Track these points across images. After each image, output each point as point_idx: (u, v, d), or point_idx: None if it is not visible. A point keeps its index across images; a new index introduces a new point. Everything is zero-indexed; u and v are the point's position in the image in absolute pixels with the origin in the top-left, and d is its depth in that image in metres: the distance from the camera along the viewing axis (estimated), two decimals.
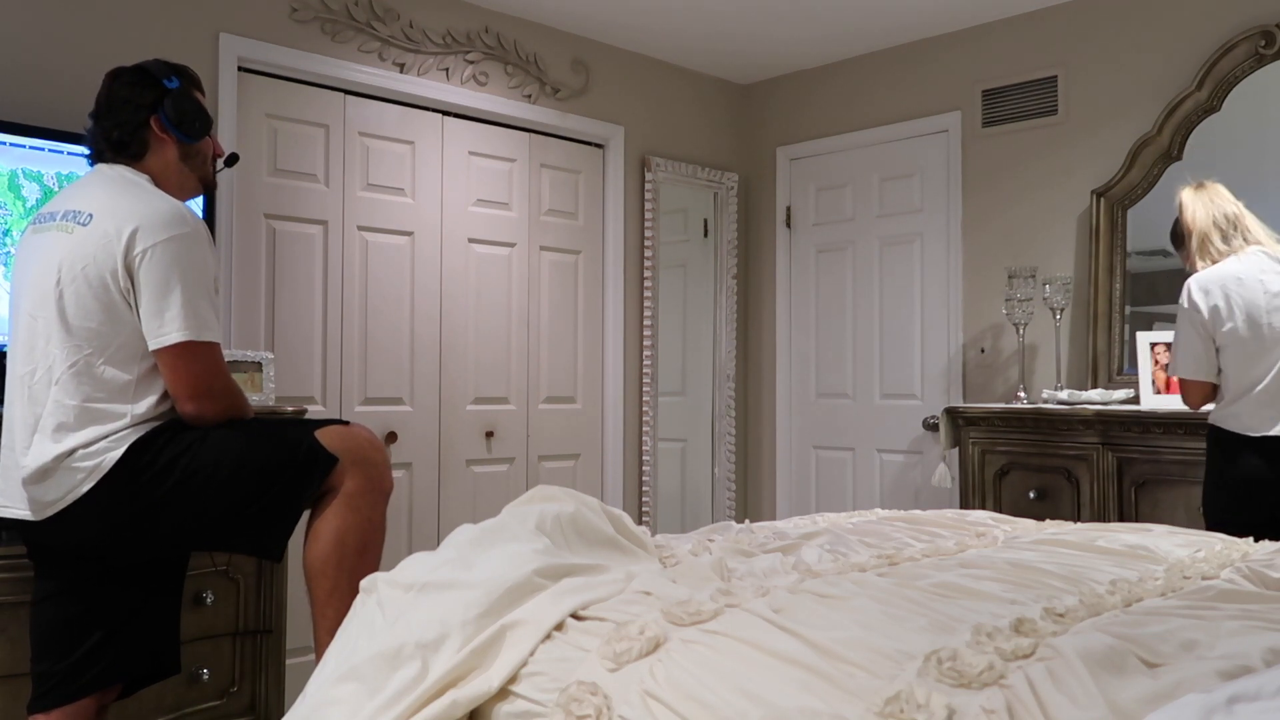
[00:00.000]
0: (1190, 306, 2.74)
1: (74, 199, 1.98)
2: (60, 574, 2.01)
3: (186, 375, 1.92)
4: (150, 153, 2.04)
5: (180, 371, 1.92)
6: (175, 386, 1.93)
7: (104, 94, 2.07)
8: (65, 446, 1.86)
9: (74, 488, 1.87)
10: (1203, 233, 2.80)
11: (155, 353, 1.90)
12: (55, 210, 1.98)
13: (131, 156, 2.03)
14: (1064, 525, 2.33)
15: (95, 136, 2.05)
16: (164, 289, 1.87)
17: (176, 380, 1.92)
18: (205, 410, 1.96)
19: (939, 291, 4.23)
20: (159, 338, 1.89)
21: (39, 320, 1.90)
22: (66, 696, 1.98)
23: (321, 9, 3.49)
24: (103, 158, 2.05)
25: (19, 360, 1.94)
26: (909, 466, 4.32)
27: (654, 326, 4.49)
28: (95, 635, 1.99)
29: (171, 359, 1.90)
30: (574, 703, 1.23)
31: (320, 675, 1.47)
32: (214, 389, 1.97)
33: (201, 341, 1.91)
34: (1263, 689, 1.00)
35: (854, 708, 1.10)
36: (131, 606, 2.04)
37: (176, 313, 1.88)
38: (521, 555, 1.55)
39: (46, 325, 1.90)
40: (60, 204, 1.99)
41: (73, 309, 1.88)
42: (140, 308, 1.88)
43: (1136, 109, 3.69)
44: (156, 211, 1.91)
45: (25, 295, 1.95)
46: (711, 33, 4.24)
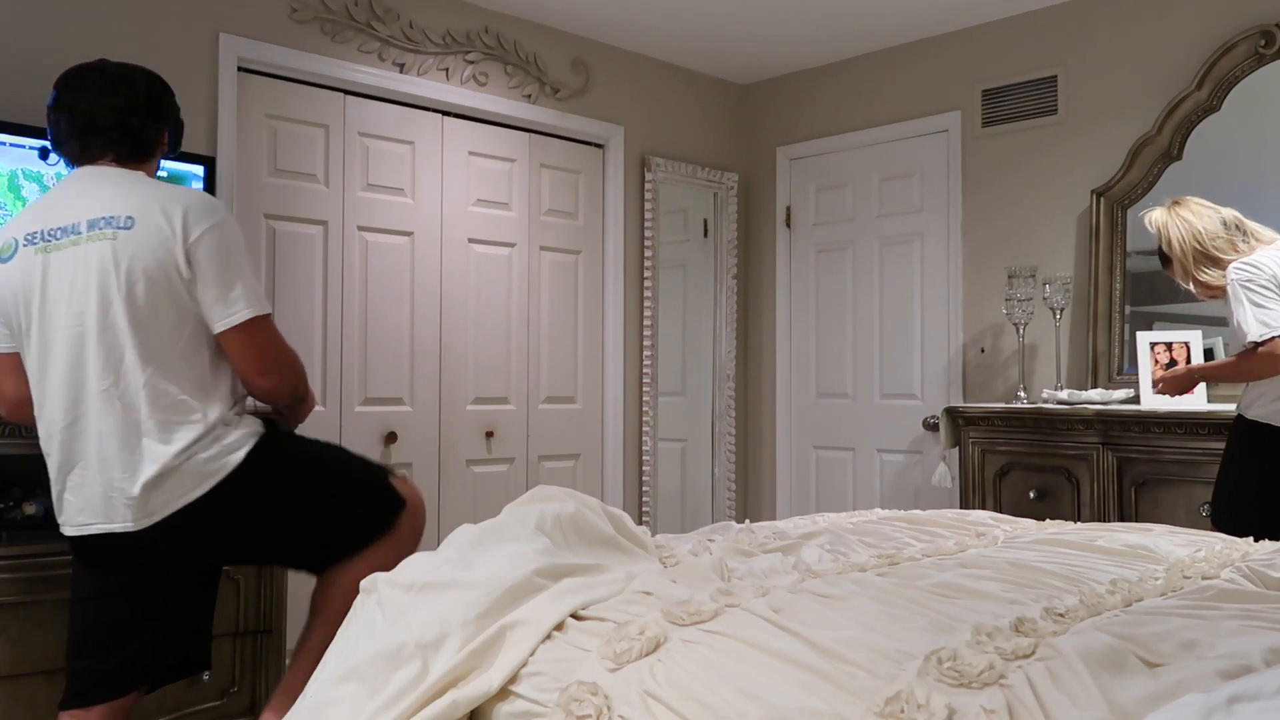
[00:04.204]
0: (1257, 270, 2.61)
1: (89, 205, 1.90)
2: (120, 576, 1.97)
3: (257, 350, 1.97)
4: (151, 159, 2.06)
5: (252, 347, 1.96)
6: (248, 363, 1.97)
7: (142, 91, 2.01)
8: (178, 446, 1.89)
9: (190, 490, 1.90)
10: (1213, 234, 2.76)
11: (225, 333, 1.93)
12: (63, 224, 1.90)
13: (141, 158, 2.02)
14: (1064, 525, 2.33)
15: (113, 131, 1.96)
16: (225, 271, 1.91)
17: (249, 356, 1.96)
18: (278, 383, 2.02)
19: (939, 291, 4.23)
20: (228, 318, 1.92)
21: (107, 331, 1.87)
22: (111, 693, 1.96)
23: (321, 9, 3.49)
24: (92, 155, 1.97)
25: (95, 375, 1.88)
26: (909, 466, 4.32)
27: (654, 326, 4.49)
28: (146, 634, 1.98)
29: (244, 336, 1.94)
30: (574, 703, 1.23)
31: (320, 675, 1.47)
32: (282, 361, 2.03)
33: (265, 314, 1.97)
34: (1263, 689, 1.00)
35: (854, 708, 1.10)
36: (180, 605, 2.03)
37: (240, 291, 1.93)
38: (521, 555, 1.55)
39: (115, 334, 1.87)
40: (65, 215, 1.90)
41: (143, 311, 1.88)
42: (203, 293, 1.90)
43: (1136, 109, 3.69)
44: (196, 200, 1.95)
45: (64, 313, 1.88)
46: (711, 33, 4.24)
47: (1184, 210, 2.82)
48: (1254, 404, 2.70)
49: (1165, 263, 2.90)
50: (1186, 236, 2.79)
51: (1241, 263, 2.66)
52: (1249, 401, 2.73)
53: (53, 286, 1.89)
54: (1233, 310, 2.64)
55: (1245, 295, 2.61)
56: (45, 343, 1.91)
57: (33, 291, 1.90)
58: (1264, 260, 2.65)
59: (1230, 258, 2.71)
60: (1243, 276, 2.63)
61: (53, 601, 2.35)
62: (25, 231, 1.92)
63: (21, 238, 1.92)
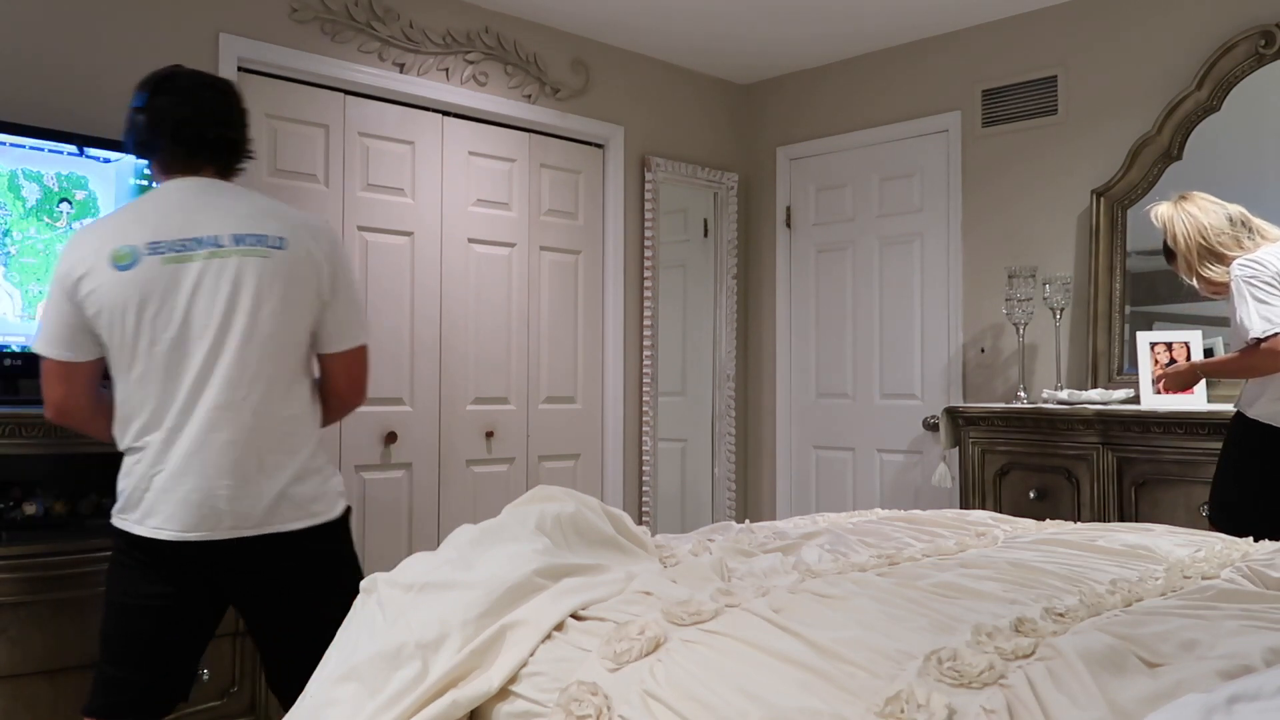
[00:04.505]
0: (1261, 267, 2.61)
1: (225, 219, 1.89)
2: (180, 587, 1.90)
3: (361, 369, 2.07)
4: (241, 172, 2.05)
5: (358, 366, 2.06)
6: (351, 381, 2.05)
7: (236, 103, 2.00)
8: (289, 470, 1.92)
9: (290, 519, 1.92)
10: (1218, 230, 2.76)
11: (342, 354, 2.01)
12: (197, 235, 1.87)
13: (237, 172, 2.02)
14: (1064, 525, 2.33)
15: (217, 144, 1.96)
16: (353, 294, 2.03)
17: (354, 375, 2.05)
18: (361, 400, 2.12)
19: (939, 291, 4.23)
20: (350, 340, 2.02)
21: (246, 346, 1.87)
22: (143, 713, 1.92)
23: (321, 9, 3.49)
24: (194, 166, 1.95)
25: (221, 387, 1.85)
26: (909, 466, 4.32)
27: (654, 326, 4.49)
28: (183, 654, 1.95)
29: (357, 359, 2.05)
30: (574, 703, 1.23)
31: (320, 675, 1.47)
32: (368, 380, 2.12)
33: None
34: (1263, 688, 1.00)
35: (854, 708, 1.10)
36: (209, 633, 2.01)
37: (360, 315, 2.05)
38: (522, 555, 1.54)
39: (251, 349, 1.88)
40: (195, 227, 1.87)
41: (282, 330, 1.91)
42: (334, 315, 1.98)
43: (1136, 109, 3.69)
44: (325, 225, 2.02)
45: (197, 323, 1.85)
46: (711, 33, 4.24)
47: (1190, 205, 2.82)
48: (1254, 402, 2.70)
49: (1170, 258, 2.90)
50: (1192, 232, 2.78)
51: (1245, 259, 2.66)
52: (1249, 399, 2.72)
53: (182, 297, 1.85)
54: (1235, 307, 2.65)
55: (1249, 291, 2.61)
56: (163, 350, 1.85)
57: (150, 300, 1.84)
58: (1268, 257, 2.65)
59: (1235, 254, 2.71)
60: (1246, 273, 2.63)
61: (53, 601, 2.35)
62: (146, 240, 1.85)
63: (143, 246, 1.85)
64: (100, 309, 1.84)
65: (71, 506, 2.57)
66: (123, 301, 1.84)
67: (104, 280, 1.83)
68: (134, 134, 1.96)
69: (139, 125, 1.94)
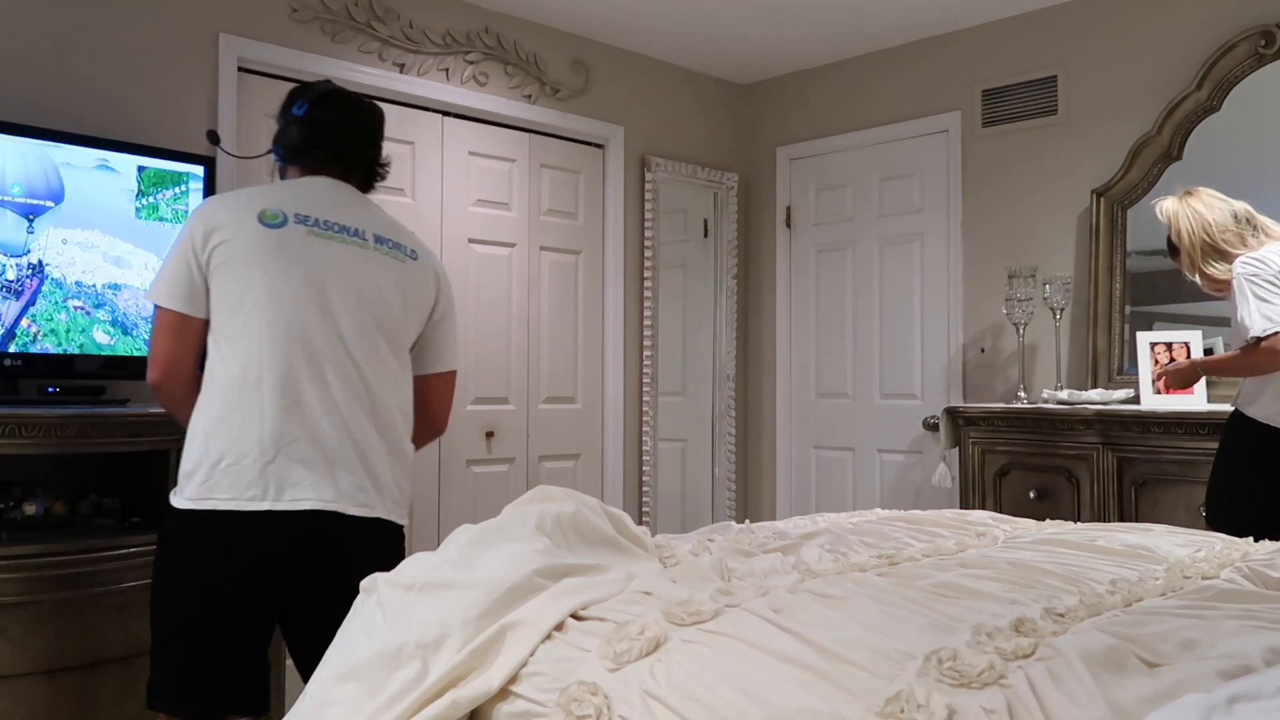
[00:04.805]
0: (1263, 266, 2.61)
1: (366, 218, 2.01)
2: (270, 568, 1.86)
3: (450, 398, 2.19)
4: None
5: (448, 389, 2.18)
6: (442, 402, 2.16)
7: (383, 127, 2.12)
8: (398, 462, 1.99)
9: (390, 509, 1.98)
10: (1223, 227, 2.75)
11: (437, 377, 2.14)
12: (342, 222, 1.97)
13: (371, 189, 2.11)
14: (1064, 525, 2.33)
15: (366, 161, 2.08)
16: (454, 323, 2.17)
17: (445, 396, 2.17)
18: (447, 424, 2.21)
19: (939, 291, 4.23)
20: (448, 363, 2.15)
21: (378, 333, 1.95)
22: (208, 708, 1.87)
23: (321, 9, 3.48)
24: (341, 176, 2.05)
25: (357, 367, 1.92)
26: (909, 466, 4.32)
27: (654, 326, 4.49)
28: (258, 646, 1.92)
29: (450, 384, 2.18)
30: (574, 703, 1.23)
31: (320, 675, 1.47)
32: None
33: None
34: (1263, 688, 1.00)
35: (854, 708, 1.10)
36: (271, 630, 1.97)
37: (456, 344, 2.18)
38: (522, 555, 1.54)
39: (381, 338, 1.96)
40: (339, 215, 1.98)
41: (404, 335, 2.02)
42: (437, 336, 2.11)
43: (1136, 109, 3.69)
44: (433, 251, 2.12)
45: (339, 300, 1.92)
46: (711, 33, 4.24)
47: (1195, 201, 2.81)
48: (1253, 401, 2.70)
49: (1173, 253, 2.90)
50: (1196, 228, 2.78)
51: (1247, 257, 2.66)
52: (1248, 398, 2.72)
53: (322, 269, 1.92)
54: (1236, 305, 2.65)
55: (1250, 290, 2.61)
56: (302, 317, 1.89)
57: (293, 264, 1.90)
58: (1270, 256, 2.65)
59: (1238, 251, 2.71)
60: (1248, 271, 2.63)
61: (53, 601, 2.35)
62: (295, 211, 1.94)
63: (292, 215, 1.93)
64: (231, 257, 1.87)
65: (71, 506, 2.57)
66: (261, 254, 1.88)
67: (246, 234, 1.89)
68: (288, 139, 2.04)
69: (295, 133, 2.03)
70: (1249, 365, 2.65)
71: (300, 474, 1.86)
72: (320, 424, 1.89)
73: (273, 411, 1.85)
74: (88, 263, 2.74)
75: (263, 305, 1.87)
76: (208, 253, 1.88)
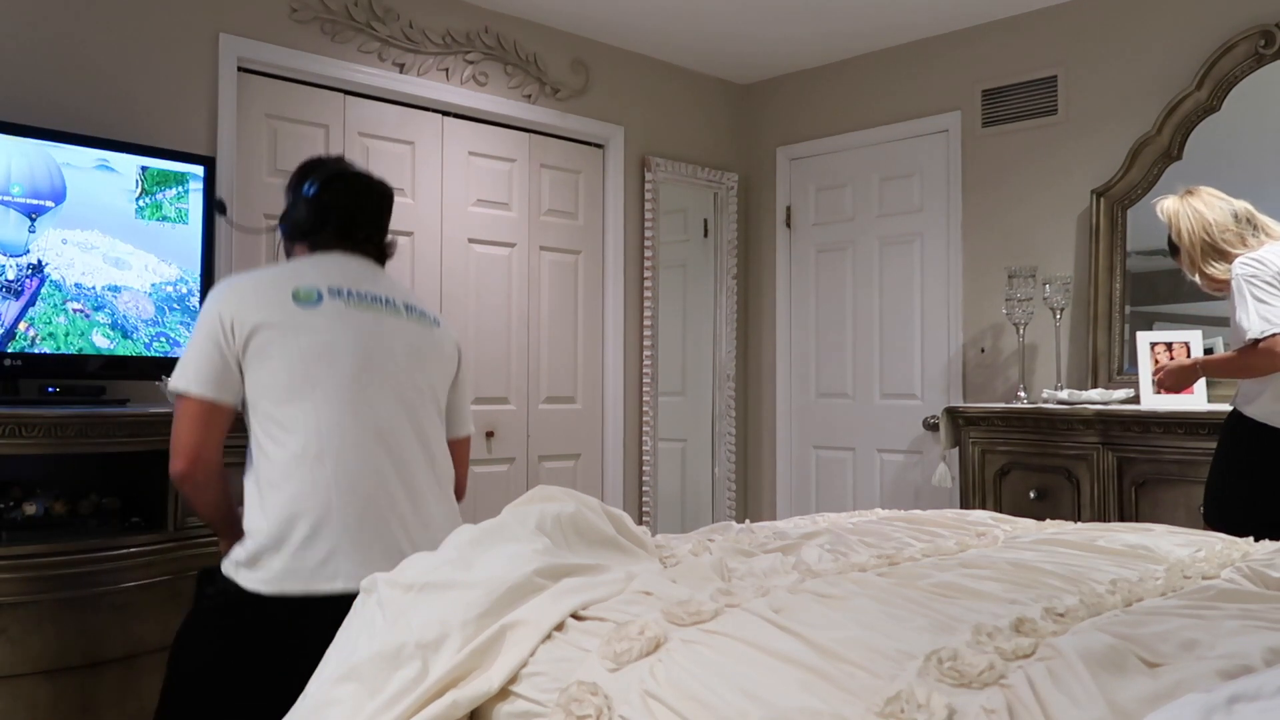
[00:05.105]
0: (1262, 266, 2.61)
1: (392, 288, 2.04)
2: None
3: (468, 463, 2.21)
4: None
5: (466, 459, 2.20)
6: (462, 472, 2.15)
7: (391, 207, 2.13)
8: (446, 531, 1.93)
9: None
10: (1223, 226, 2.75)
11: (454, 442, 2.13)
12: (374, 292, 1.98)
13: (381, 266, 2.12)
14: (1064, 525, 2.33)
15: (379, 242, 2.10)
16: (470, 389, 2.22)
17: (464, 466, 2.17)
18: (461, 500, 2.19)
19: (939, 291, 4.23)
20: (465, 428, 2.18)
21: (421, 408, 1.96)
22: None
23: (321, 9, 3.48)
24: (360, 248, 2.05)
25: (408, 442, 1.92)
26: (909, 466, 4.32)
27: (654, 326, 4.49)
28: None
29: (467, 449, 2.21)
30: (574, 703, 1.23)
31: (320, 675, 1.47)
32: None
33: None
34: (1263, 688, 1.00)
35: (854, 708, 1.10)
36: None
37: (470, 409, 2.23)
38: (522, 555, 1.54)
39: (426, 409, 1.97)
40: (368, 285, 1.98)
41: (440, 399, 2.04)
42: (456, 400, 2.14)
43: (1136, 109, 3.69)
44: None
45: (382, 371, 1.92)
46: (711, 33, 4.24)
47: (1196, 200, 2.81)
48: (1252, 401, 2.70)
49: (1174, 252, 2.90)
50: (1196, 228, 2.77)
51: (1247, 258, 2.66)
52: (1246, 397, 2.72)
53: (370, 341, 1.92)
54: (1235, 305, 2.64)
55: (1249, 290, 2.61)
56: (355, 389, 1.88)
57: (337, 338, 1.89)
58: (1269, 256, 2.64)
59: (1238, 251, 2.70)
60: (1247, 272, 2.63)
61: (53, 601, 2.35)
62: (328, 285, 1.93)
63: (325, 289, 1.92)
64: (272, 341, 1.85)
65: (71, 506, 2.57)
66: (305, 333, 1.86)
67: (283, 315, 1.86)
68: (295, 218, 2.02)
69: (303, 212, 2.01)
70: (1247, 366, 2.65)
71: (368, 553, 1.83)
72: (391, 495, 1.88)
73: (339, 487, 1.83)
74: (87, 264, 2.74)
75: (315, 383, 1.85)
76: (242, 340, 1.84)
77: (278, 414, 1.85)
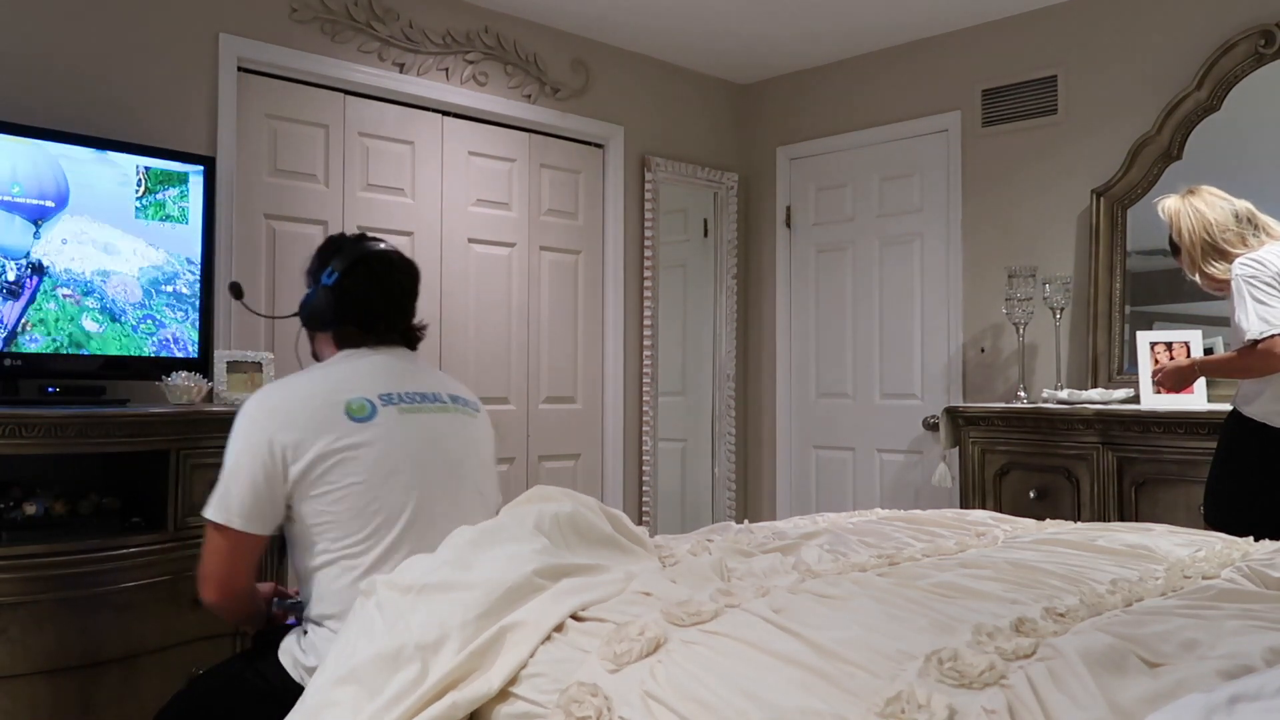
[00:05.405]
0: (1262, 267, 2.61)
1: (436, 382, 1.96)
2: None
3: None
4: None
5: None
6: None
7: (417, 287, 1.99)
8: None
9: None
10: (1224, 226, 2.74)
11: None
12: (422, 390, 1.89)
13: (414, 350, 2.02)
14: (1064, 525, 2.33)
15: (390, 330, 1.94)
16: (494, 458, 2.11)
17: None
18: None
19: (939, 291, 4.23)
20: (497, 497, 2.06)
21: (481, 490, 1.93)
22: None
23: (321, 9, 3.48)
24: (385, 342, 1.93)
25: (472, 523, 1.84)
26: (909, 466, 4.32)
27: (654, 326, 4.49)
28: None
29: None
30: (574, 704, 1.23)
31: (320, 678, 1.47)
32: None
33: None
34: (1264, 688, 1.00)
35: (855, 708, 1.10)
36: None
37: None
38: (520, 556, 1.54)
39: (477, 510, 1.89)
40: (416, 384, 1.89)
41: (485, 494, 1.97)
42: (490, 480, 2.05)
43: (1136, 108, 3.69)
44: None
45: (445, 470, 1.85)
46: (711, 33, 4.24)
47: (1197, 200, 2.80)
48: (1251, 401, 2.70)
49: (1175, 252, 2.89)
50: (1197, 228, 2.77)
51: (1246, 258, 2.66)
52: (1246, 397, 2.72)
53: (429, 448, 1.83)
54: (1235, 306, 2.64)
55: (1248, 291, 2.61)
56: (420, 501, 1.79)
57: (397, 450, 1.79)
58: (1269, 257, 2.64)
59: (1238, 251, 2.70)
60: (1247, 273, 2.63)
61: (53, 601, 2.35)
62: (377, 393, 1.82)
63: (376, 398, 1.81)
64: (332, 467, 1.73)
65: (71, 506, 2.57)
66: (365, 453, 1.75)
67: (338, 436, 1.75)
68: (316, 307, 1.93)
69: (324, 301, 1.91)
70: (1245, 367, 2.65)
71: None
72: None
73: None
74: (85, 259, 2.74)
75: (380, 503, 1.75)
76: (299, 471, 1.72)
77: (337, 546, 1.74)
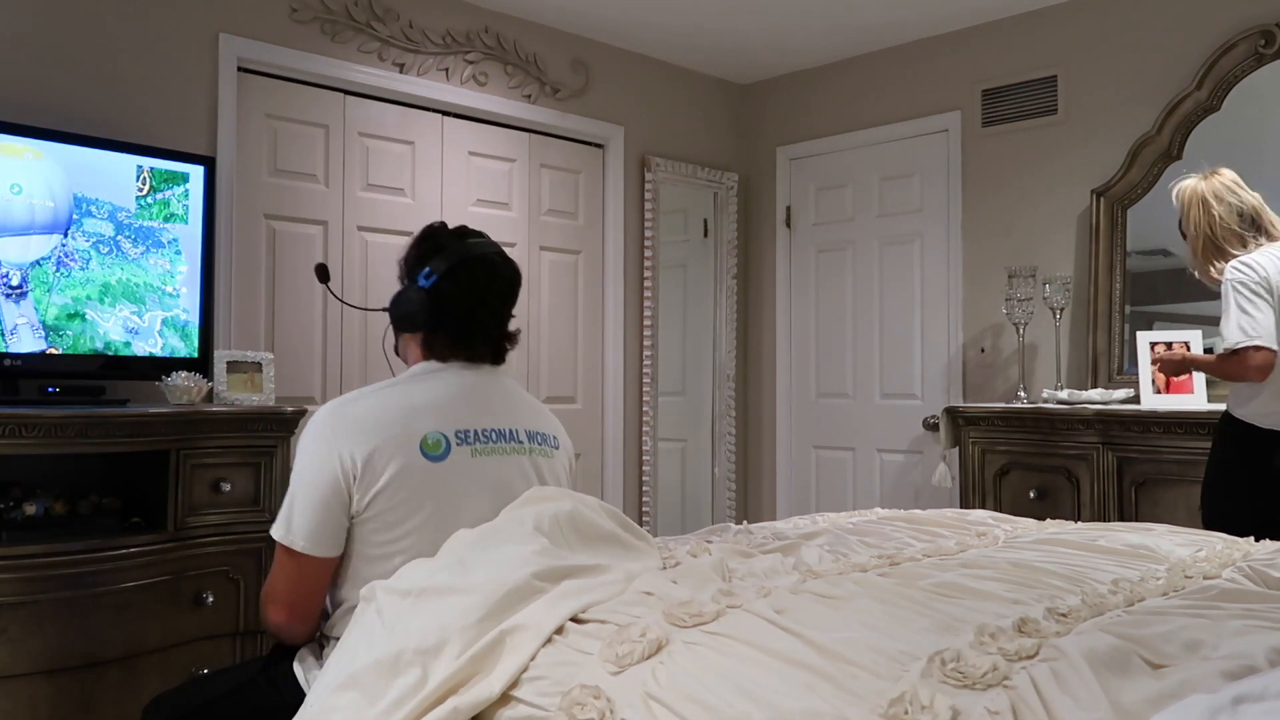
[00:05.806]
0: (1251, 271, 2.62)
1: (518, 414, 1.83)
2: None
3: None
4: None
5: None
6: None
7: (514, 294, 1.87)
8: None
9: None
10: (1226, 226, 2.74)
11: None
12: (498, 427, 1.78)
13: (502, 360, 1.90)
14: (1065, 525, 2.33)
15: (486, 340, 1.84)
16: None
17: None
18: None
19: (939, 291, 4.23)
20: None
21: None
22: None
23: (321, 9, 3.48)
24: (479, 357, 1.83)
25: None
26: (909, 466, 4.32)
27: (654, 326, 4.49)
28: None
29: None
30: (577, 706, 1.23)
31: (320, 684, 1.46)
32: None
33: None
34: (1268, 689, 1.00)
35: (857, 709, 1.10)
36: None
37: None
38: (520, 557, 1.53)
39: None
40: (494, 419, 1.79)
41: None
42: None
43: (1136, 108, 3.69)
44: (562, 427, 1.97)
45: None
46: (711, 32, 4.24)
47: (1212, 189, 2.78)
48: (1244, 403, 2.70)
49: (1185, 235, 2.90)
50: (1202, 223, 2.78)
51: (1238, 262, 2.66)
52: (1239, 399, 2.72)
53: (498, 497, 1.73)
54: (1222, 309, 2.66)
55: (1234, 297, 2.63)
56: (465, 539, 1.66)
57: (463, 499, 1.71)
58: (1261, 261, 2.64)
59: (1236, 253, 2.71)
60: (1236, 277, 2.64)
61: (53, 601, 2.35)
62: (454, 429, 1.73)
63: (452, 435, 1.73)
64: (399, 503, 1.67)
65: (71, 506, 2.57)
66: (432, 497, 1.69)
67: (409, 471, 1.67)
68: (408, 307, 1.83)
69: (416, 303, 1.82)
70: (1224, 373, 2.72)
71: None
72: None
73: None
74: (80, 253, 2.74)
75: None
76: (371, 491, 1.65)
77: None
